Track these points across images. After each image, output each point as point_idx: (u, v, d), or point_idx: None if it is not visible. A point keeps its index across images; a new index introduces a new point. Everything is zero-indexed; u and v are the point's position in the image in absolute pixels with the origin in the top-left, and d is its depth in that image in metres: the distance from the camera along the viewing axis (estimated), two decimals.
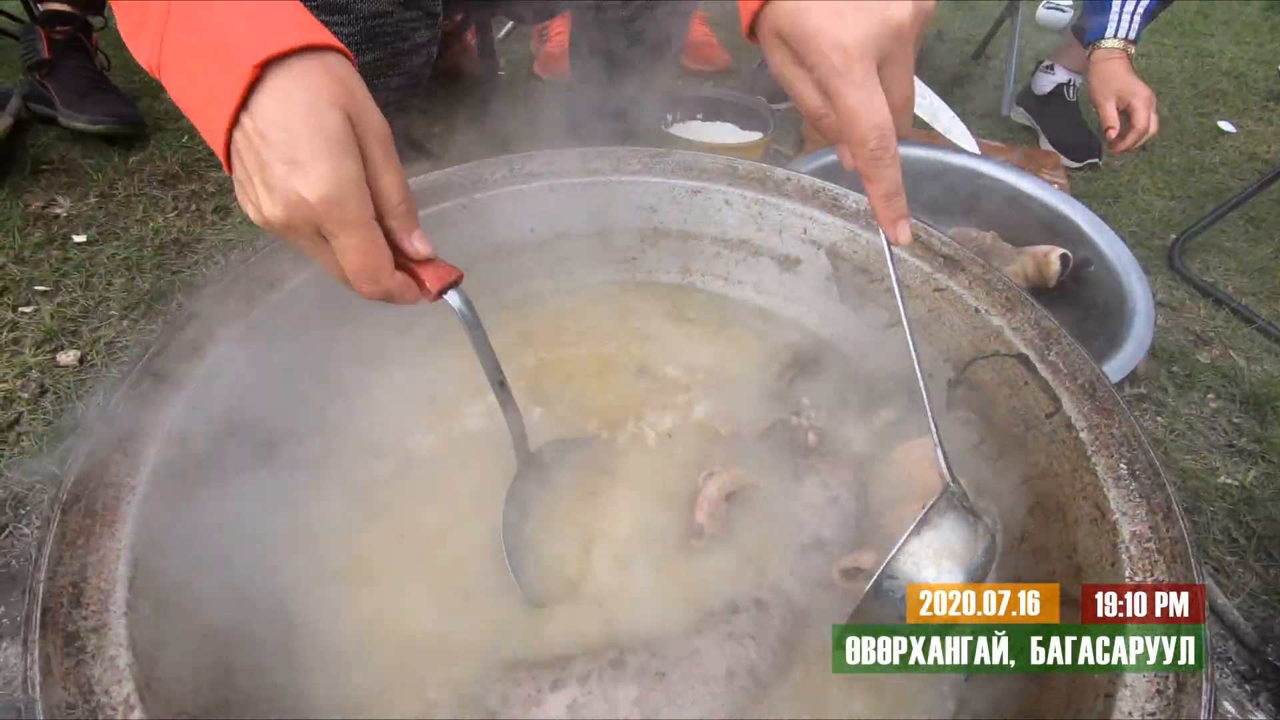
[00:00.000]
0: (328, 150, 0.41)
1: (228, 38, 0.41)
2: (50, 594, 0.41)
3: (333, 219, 0.42)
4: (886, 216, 0.49)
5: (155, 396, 0.53)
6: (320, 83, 0.42)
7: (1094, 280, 1.20)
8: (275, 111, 0.41)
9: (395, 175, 0.45)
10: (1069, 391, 0.57)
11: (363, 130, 0.44)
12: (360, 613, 0.57)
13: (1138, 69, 1.51)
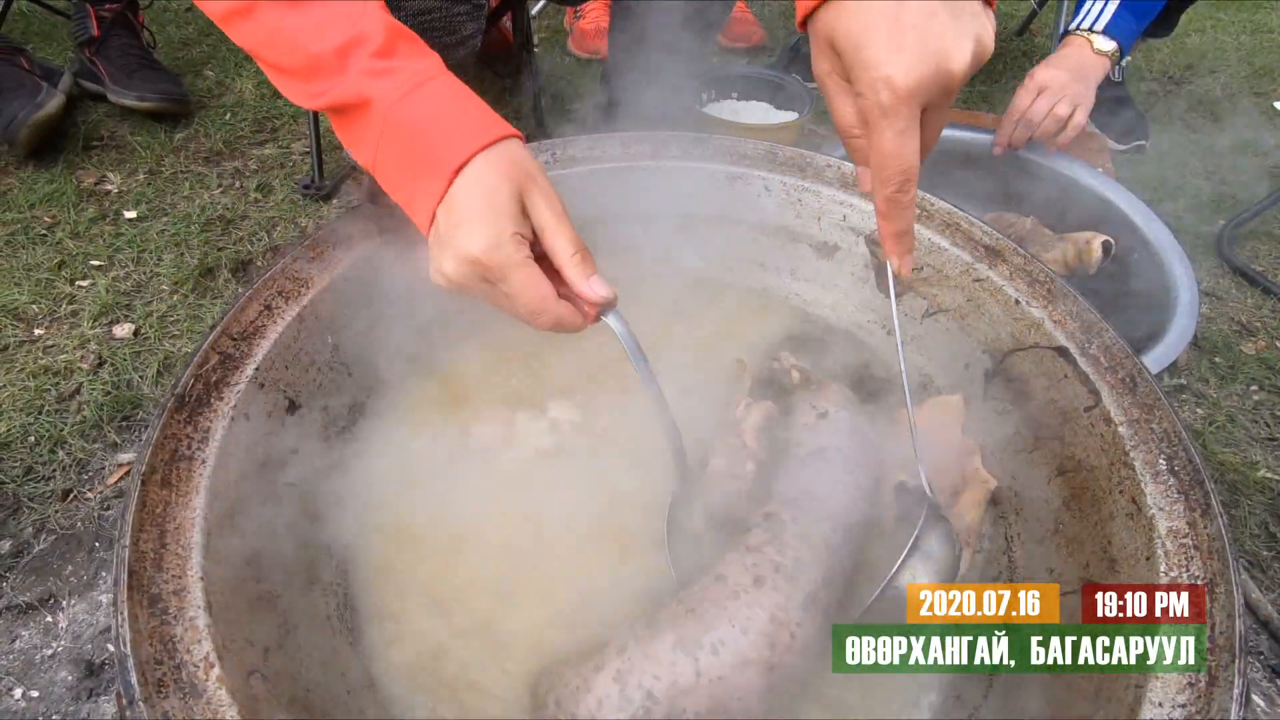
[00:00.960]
0: (490, 214, 0.50)
1: (434, 149, 0.52)
2: (135, 559, 0.44)
3: (493, 266, 0.50)
4: (895, 250, 0.52)
5: (221, 373, 0.56)
6: (498, 169, 0.51)
7: (1137, 267, 1.18)
8: (460, 195, 0.51)
9: (565, 233, 0.53)
10: (1109, 385, 0.57)
11: (532, 199, 0.52)
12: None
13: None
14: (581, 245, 0.53)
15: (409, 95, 0.52)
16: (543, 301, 0.51)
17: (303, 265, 0.65)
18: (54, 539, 0.92)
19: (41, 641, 0.84)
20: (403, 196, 0.55)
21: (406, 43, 0.55)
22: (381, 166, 0.54)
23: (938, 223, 0.73)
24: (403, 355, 0.74)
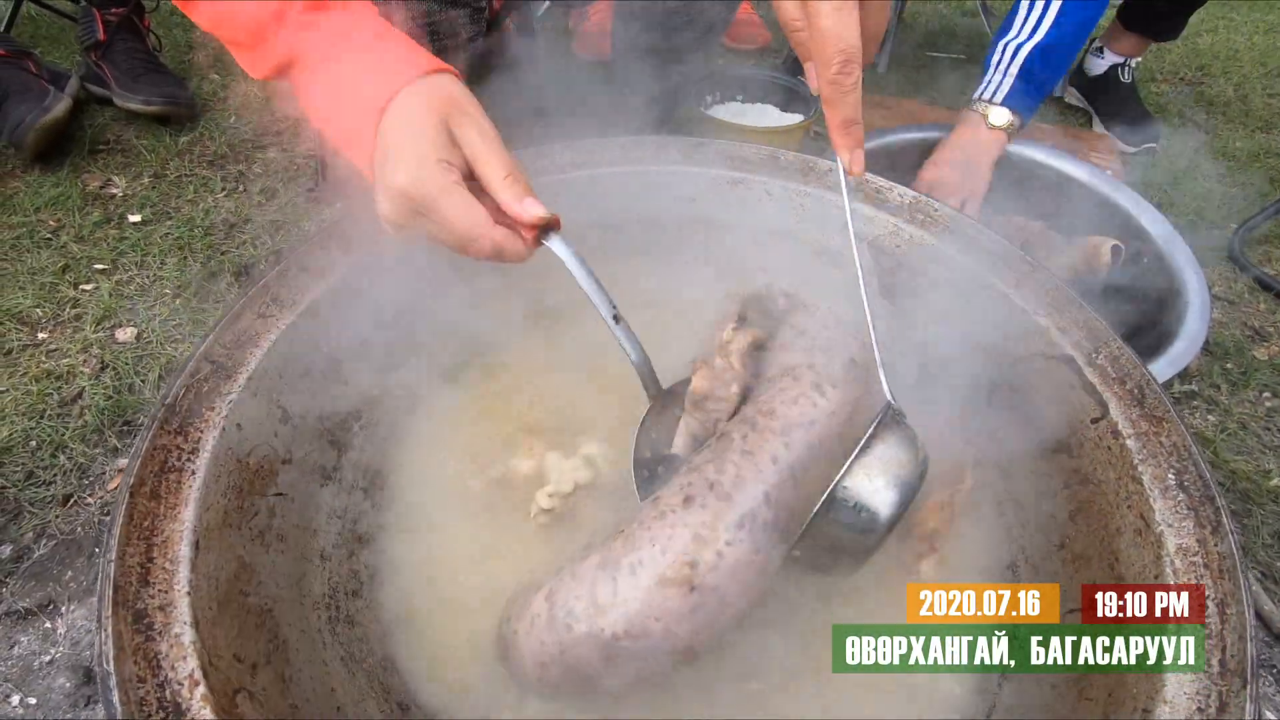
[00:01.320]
0: (412, 143, 0.49)
1: (360, 96, 0.51)
2: (120, 574, 0.43)
3: (420, 195, 0.49)
4: (842, 143, 0.50)
5: (213, 383, 0.55)
6: (422, 100, 0.50)
7: (1147, 272, 1.16)
8: (386, 131, 0.50)
9: (496, 157, 0.51)
10: (1117, 396, 0.56)
11: (462, 129, 0.51)
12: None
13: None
14: (514, 167, 0.51)
15: (334, 44, 0.52)
16: (475, 226, 0.49)
17: (298, 272, 0.64)
18: (54, 544, 0.92)
19: (40, 648, 0.83)
20: (350, 153, 0.54)
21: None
22: (327, 124, 0.54)
23: (941, 229, 0.72)
24: (399, 363, 0.74)
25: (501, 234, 0.51)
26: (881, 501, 0.47)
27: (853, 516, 0.47)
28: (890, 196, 0.75)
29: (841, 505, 0.47)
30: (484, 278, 0.78)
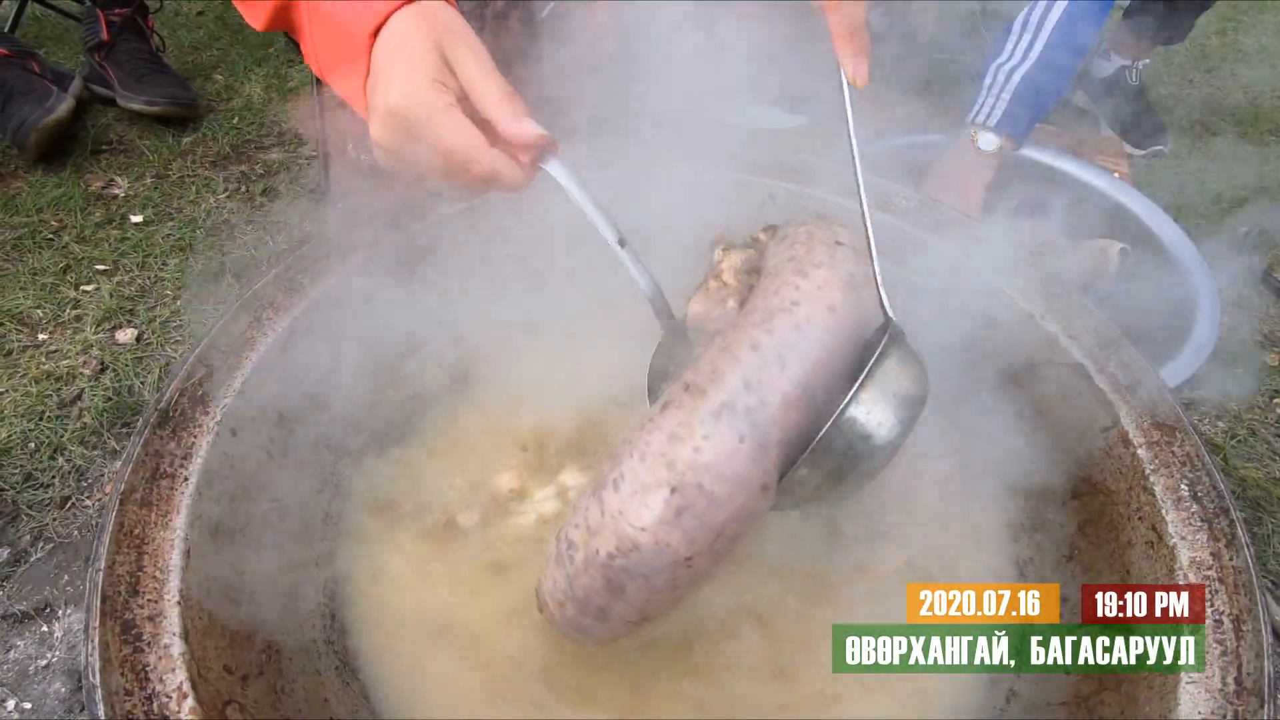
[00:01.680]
0: (404, 64, 0.48)
1: (348, 26, 0.50)
2: (109, 583, 0.43)
3: (414, 118, 0.47)
4: (845, 51, 0.48)
5: (207, 388, 0.55)
6: (414, 24, 0.49)
7: (1156, 275, 1.15)
8: (378, 57, 0.49)
9: (491, 80, 0.50)
10: (1128, 405, 0.55)
11: (456, 51, 0.49)
12: None
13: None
14: (510, 90, 0.50)
15: None
16: (471, 148, 0.47)
17: (295, 275, 0.64)
18: (51, 547, 0.91)
19: (36, 652, 0.83)
20: (344, 86, 0.52)
21: None
22: (323, 65, 0.53)
23: (949, 231, 0.71)
24: (395, 367, 0.73)
25: (497, 157, 0.49)
26: (888, 426, 0.44)
27: (859, 443, 0.44)
28: (897, 201, 0.73)
29: (847, 431, 0.43)
30: (476, 282, 0.77)
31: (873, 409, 0.44)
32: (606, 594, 0.46)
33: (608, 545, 0.44)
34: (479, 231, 0.76)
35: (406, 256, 0.70)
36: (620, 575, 0.45)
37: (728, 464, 0.43)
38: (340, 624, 0.56)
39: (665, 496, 0.43)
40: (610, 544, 0.44)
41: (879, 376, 0.43)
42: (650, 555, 0.44)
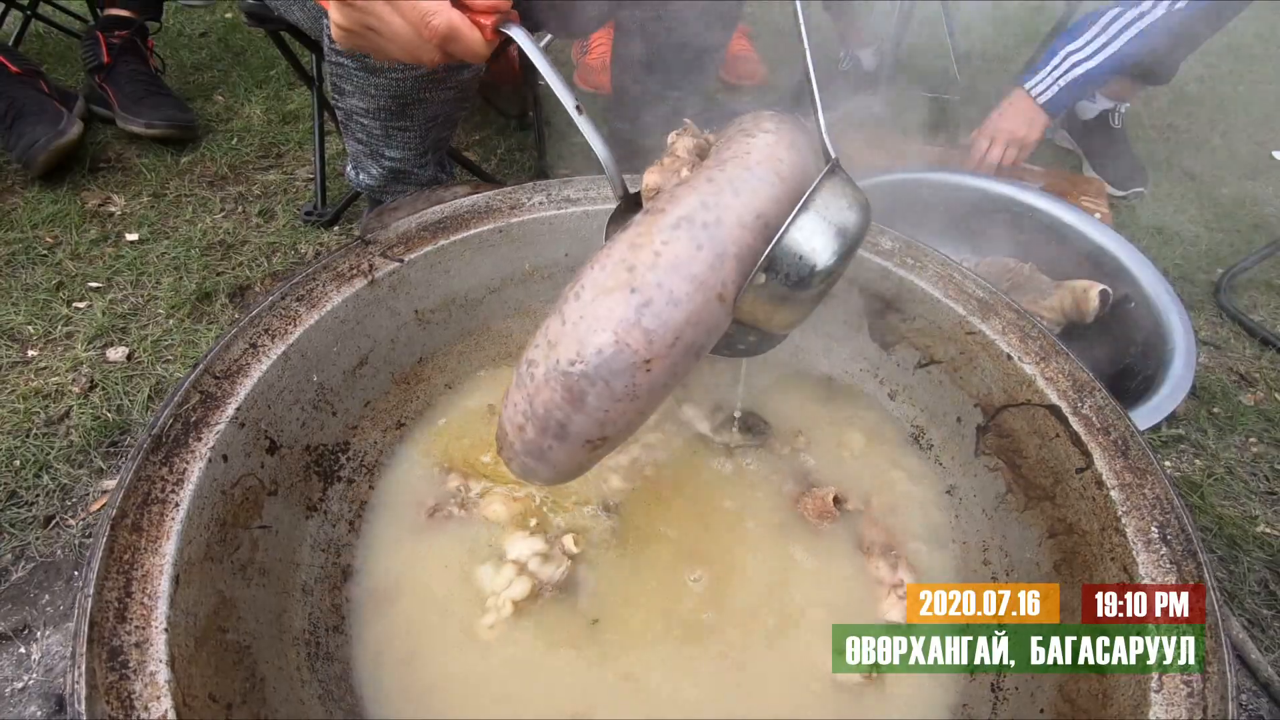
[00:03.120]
0: None
1: None
2: (97, 609, 0.43)
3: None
4: None
5: (201, 413, 0.55)
6: None
7: (1133, 317, 1.17)
8: None
9: None
10: (1101, 447, 0.56)
11: None
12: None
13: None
14: None
15: None
16: (426, 15, 0.49)
17: (291, 303, 0.65)
18: (32, 567, 0.90)
19: (13, 674, 0.82)
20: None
21: None
22: None
23: (931, 274, 0.73)
24: (387, 393, 0.74)
25: (458, 18, 0.50)
26: (827, 249, 0.47)
27: (799, 264, 0.46)
28: (882, 242, 0.76)
29: (794, 248, 0.46)
30: (462, 315, 0.79)
31: (814, 231, 0.47)
32: (567, 406, 0.46)
33: (568, 353, 0.45)
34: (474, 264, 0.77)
35: (394, 286, 0.71)
36: (580, 382, 0.45)
37: (686, 265, 0.45)
38: (325, 650, 0.56)
39: (625, 296, 0.44)
40: (571, 351, 0.45)
41: (819, 200, 0.46)
42: (610, 356, 0.44)
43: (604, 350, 0.44)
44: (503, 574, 0.62)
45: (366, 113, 1.00)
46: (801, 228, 0.46)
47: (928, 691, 0.57)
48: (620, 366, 0.44)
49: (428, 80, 0.95)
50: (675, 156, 0.57)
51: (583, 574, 0.64)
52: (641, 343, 0.44)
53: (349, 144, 1.10)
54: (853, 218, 0.49)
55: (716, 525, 0.68)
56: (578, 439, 0.48)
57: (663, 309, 0.44)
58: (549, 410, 0.47)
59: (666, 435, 0.76)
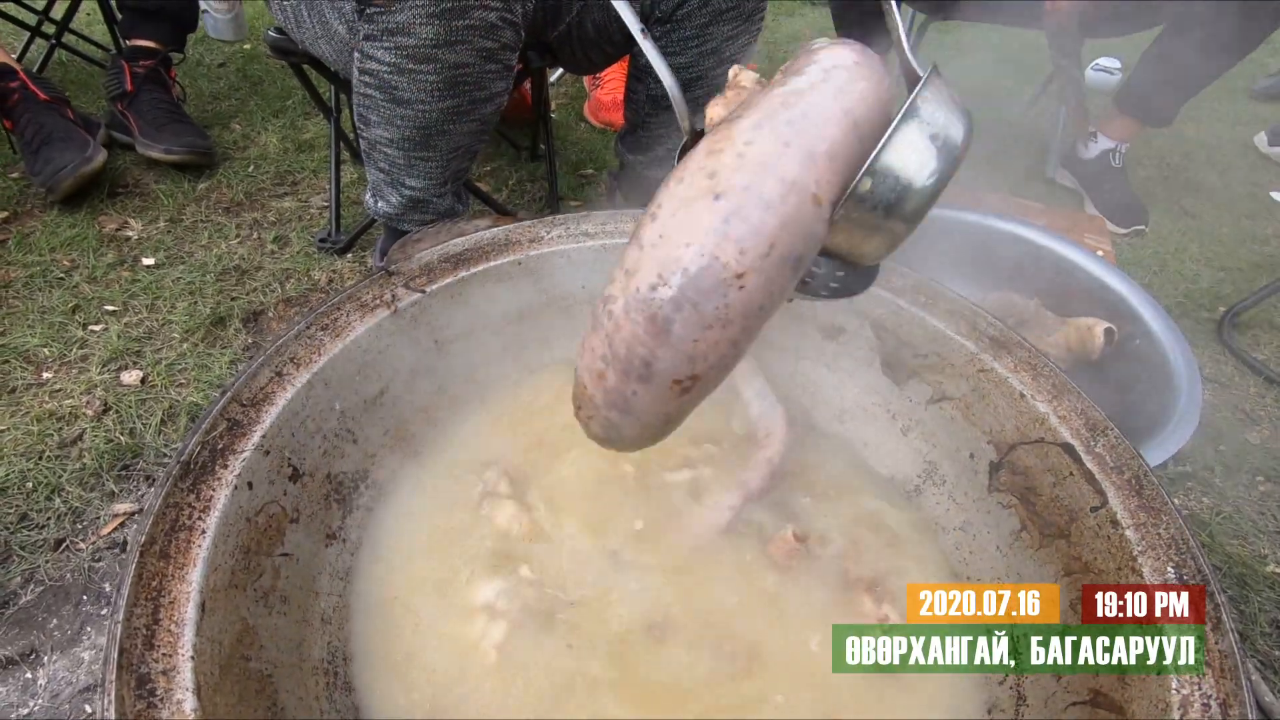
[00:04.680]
0: None
1: None
2: (126, 636, 0.43)
3: None
4: None
5: (228, 440, 0.56)
6: None
7: (1138, 354, 1.18)
8: None
9: None
10: (1115, 486, 0.57)
11: None
12: None
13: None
14: None
15: None
16: None
17: (315, 331, 0.66)
18: (41, 591, 0.90)
19: (19, 700, 0.81)
20: None
21: None
22: None
23: (942, 310, 0.74)
24: (407, 424, 0.74)
25: None
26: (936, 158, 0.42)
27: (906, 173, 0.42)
28: (893, 279, 0.77)
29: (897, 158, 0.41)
30: (482, 340, 0.80)
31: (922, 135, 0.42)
32: (650, 340, 0.40)
33: (648, 277, 0.39)
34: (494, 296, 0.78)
35: (417, 315, 0.73)
36: (665, 309, 0.39)
37: (776, 164, 0.39)
38: (343, 680, 0.56)
39: (709, 204, 0.39)
40: (651, 274, 0.39)
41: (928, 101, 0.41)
42: (697, 274, 0.39)
43: (689, 267, 0.39)
44: (475, 624, 0.61)
45: (391, 143, 1.02)
46: (908, 132, 0.41)
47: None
48: (709, 285, 0.39)
49: (453, 112, 0.97)
50: (740, 88, 0.53)
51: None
52: (732, 254, 0.39)
53: (370, 173, 1.12)
54: (960, 127, 0.43)
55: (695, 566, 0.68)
56: (665, 379, 0.42)
57: (753, 214, 0.39)
58: (631, 348, 0.41)
59: None
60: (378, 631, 0.60)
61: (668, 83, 0.55)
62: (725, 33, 1.11)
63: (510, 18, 0.92)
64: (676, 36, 1.11)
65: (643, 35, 0.54)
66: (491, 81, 0.97)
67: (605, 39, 1.17)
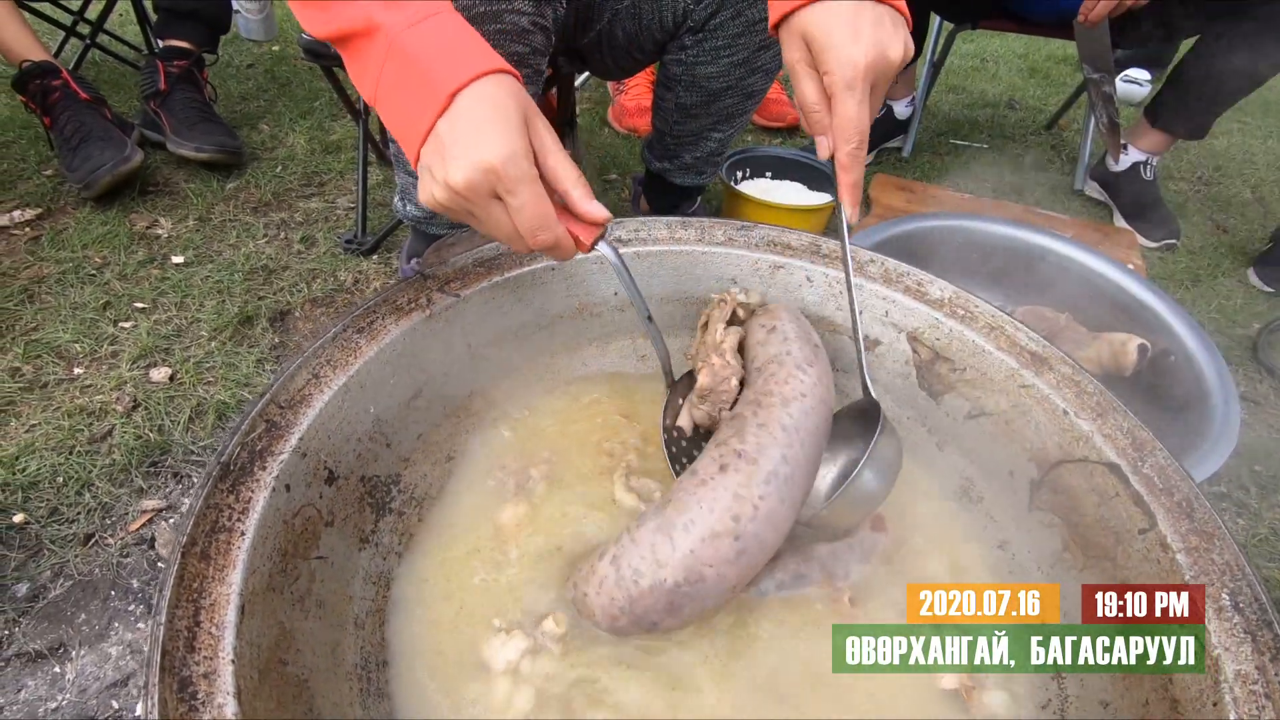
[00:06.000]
0: (507, 127, 0.52)
1: (432, 72, 0.53)
2: (169, 638, 0.43)
3: (509, 177, 0.52)
4: (850, 198, 0.62)
5: (266, 442, 0.56)
6: (504, 90, 0.53)
7: (1173, 371, 1.16)
8: (469, 106, 0.52)
9: (566, 159, 0.56)
10: (1164, 509, 0.56)
11: (535, 124, 0.55)
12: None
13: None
14: (579, 172, 0.56)
15: (416, 25, 0.54)
16: (546, 218, 0.54)
17: (351, 334, 0.66)
18: (70, 585, 0.91)
19: (47, 694, 0.82)
20: (398, 121, 0.56)
21: None
22: (382, 94, 0.56)
23: (981, 325, 0.73)
24: (439, 427, 0.74)
25: (564, 232, 0.56)
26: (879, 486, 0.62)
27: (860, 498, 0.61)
28: (931, 291, 0.76)
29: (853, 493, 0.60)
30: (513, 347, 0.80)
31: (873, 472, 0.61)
32: (664, 613, 0.56)
33: (676, 576, 0.55)
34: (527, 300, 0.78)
35: (450, 320, 0.72)
36: (682, 599, 0.55)
37: (775, 517, 0.57)
38: (376, 687, 0.56)
39: (732, 541, 0.55)
40: (679, 575, 0.55)
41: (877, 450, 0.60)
42: (712, 585, 0.55)
43: (707, 580, 0.55)
44: (498, 689, 0.59)
45: None
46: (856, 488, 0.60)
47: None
48: (716, 591, 0.56)
49: None
50: (725, 362, 0.70)
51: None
52: (736, 576, 0.56)
53: (399, 176, 1.12)
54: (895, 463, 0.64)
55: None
56: (660, 629, 0.58)
57: (755, 552, 0.56)
58: (647, 613, 0.56)
59: None
60: (412, 637, 0.60)
61: (661, 358, 0.71)
62: (757, 43, 1.10)
63: (541, 22, 0.91)
64: (709, 46, 1.11)
65: (649, 320, 0.68)
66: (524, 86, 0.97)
67: (636, 47, 1.17)
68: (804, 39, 0.59)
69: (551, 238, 0.55)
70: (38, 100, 1.48)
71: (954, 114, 2.41)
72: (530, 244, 0.55)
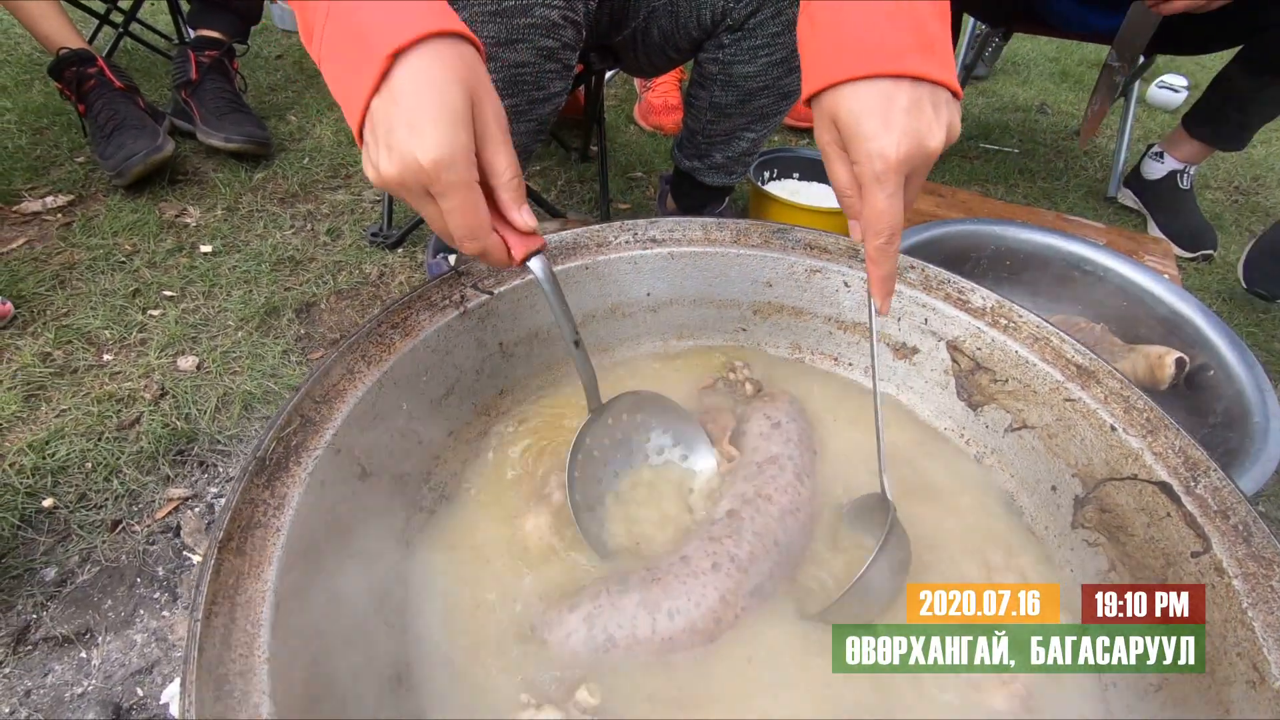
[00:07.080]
0: (445, 119, 0.46)
1: (369, 32, 0.47)
2: (205, 634, 0.43)
3: (441, 181, 0.47)
4: (880, 291, 0.58)
5: (301, 437, 0.55)
6: (449, 63, 0.47)
7: (1212, 385, 1.14)
8: (408, 83, 0.46)
9: (508, 152, 0.51)
10: (1220, 532, 0.54)
11: (481, 109, 0.49)
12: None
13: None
14: (519, 171, 0.52)
15: None
16: (479, 228, 0.50)
17: (386, 330, 0.65)
18: (98, 571, 0.91)
19: (73, 678, 0.82)
20: (337, 89, 0.50)
21: None
22: (325, 57, 0.50)
23: (1025, 336, 0.71)
24: (470, 425, 0.74)
25: (495, 243, 0.52)
26: (889, 586, 0.61)
27: (869, 597, 0.60)
28: (973, 299, 0.74)
29: (862, 591, 0.59)
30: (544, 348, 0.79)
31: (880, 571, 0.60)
32: (620, 663, 0.57)
33: (650, 655, 0.58)
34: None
35: (479, 320, 0.72)
36: (644, 665, 0.58)
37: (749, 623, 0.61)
38: (407, 686, 0.56)
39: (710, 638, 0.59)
40: (652, 655, 0.58)
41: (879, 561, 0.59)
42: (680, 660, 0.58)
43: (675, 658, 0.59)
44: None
45: None
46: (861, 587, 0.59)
47: None
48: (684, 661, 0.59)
49: (511, 112, 0.96)
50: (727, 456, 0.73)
51: None
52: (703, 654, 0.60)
53: None
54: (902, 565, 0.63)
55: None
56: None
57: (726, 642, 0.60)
58: (610, 664, 0.58)
59: None
60: (441, 637, 0.59)
61: (586, 382, 0.67)
62: (795, 41, 1.09)
63: (572, 16, 0.90)
64: (747, 45, 1.09)
65: (575, 345, 0.63)
66: (550, 81, 0.96)
67: (671, 45, 1.15)
68: (833, 121, 0.54)
69: (480, 247, 0.51)
70: (73, 87, 1.49)
71: (984, 117, 2.37)
72: (459, 248, 0.52)
